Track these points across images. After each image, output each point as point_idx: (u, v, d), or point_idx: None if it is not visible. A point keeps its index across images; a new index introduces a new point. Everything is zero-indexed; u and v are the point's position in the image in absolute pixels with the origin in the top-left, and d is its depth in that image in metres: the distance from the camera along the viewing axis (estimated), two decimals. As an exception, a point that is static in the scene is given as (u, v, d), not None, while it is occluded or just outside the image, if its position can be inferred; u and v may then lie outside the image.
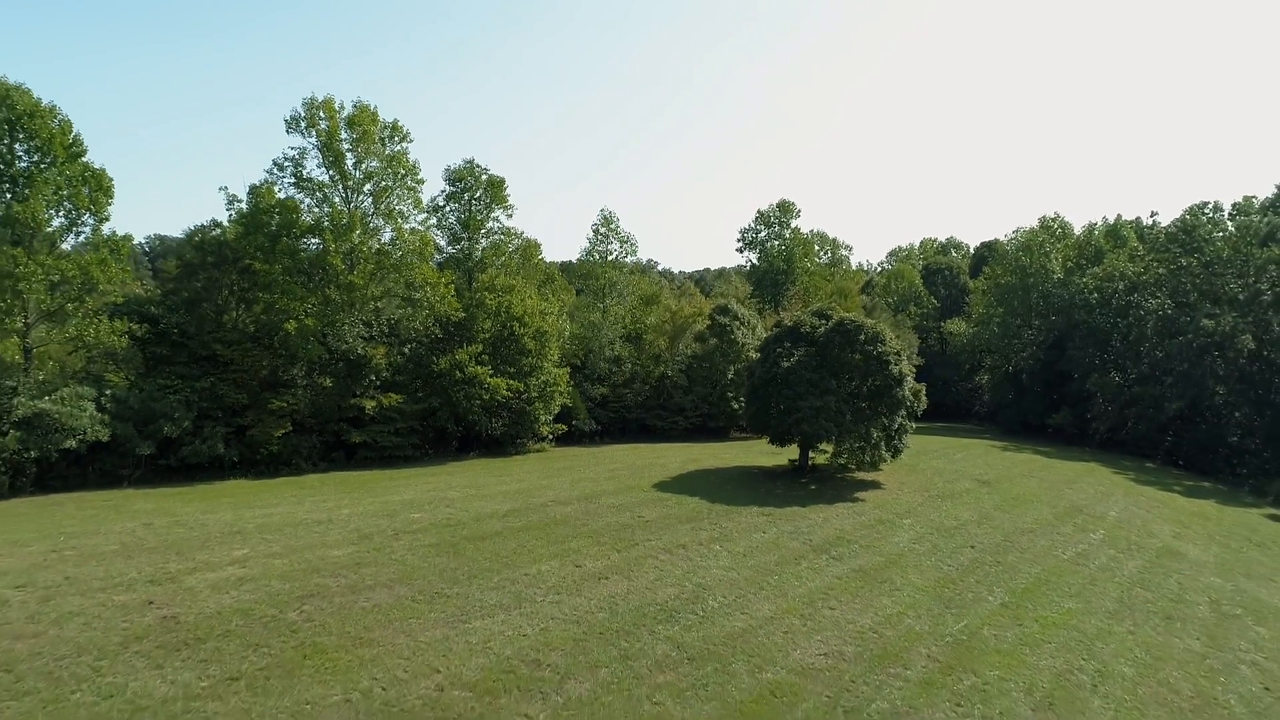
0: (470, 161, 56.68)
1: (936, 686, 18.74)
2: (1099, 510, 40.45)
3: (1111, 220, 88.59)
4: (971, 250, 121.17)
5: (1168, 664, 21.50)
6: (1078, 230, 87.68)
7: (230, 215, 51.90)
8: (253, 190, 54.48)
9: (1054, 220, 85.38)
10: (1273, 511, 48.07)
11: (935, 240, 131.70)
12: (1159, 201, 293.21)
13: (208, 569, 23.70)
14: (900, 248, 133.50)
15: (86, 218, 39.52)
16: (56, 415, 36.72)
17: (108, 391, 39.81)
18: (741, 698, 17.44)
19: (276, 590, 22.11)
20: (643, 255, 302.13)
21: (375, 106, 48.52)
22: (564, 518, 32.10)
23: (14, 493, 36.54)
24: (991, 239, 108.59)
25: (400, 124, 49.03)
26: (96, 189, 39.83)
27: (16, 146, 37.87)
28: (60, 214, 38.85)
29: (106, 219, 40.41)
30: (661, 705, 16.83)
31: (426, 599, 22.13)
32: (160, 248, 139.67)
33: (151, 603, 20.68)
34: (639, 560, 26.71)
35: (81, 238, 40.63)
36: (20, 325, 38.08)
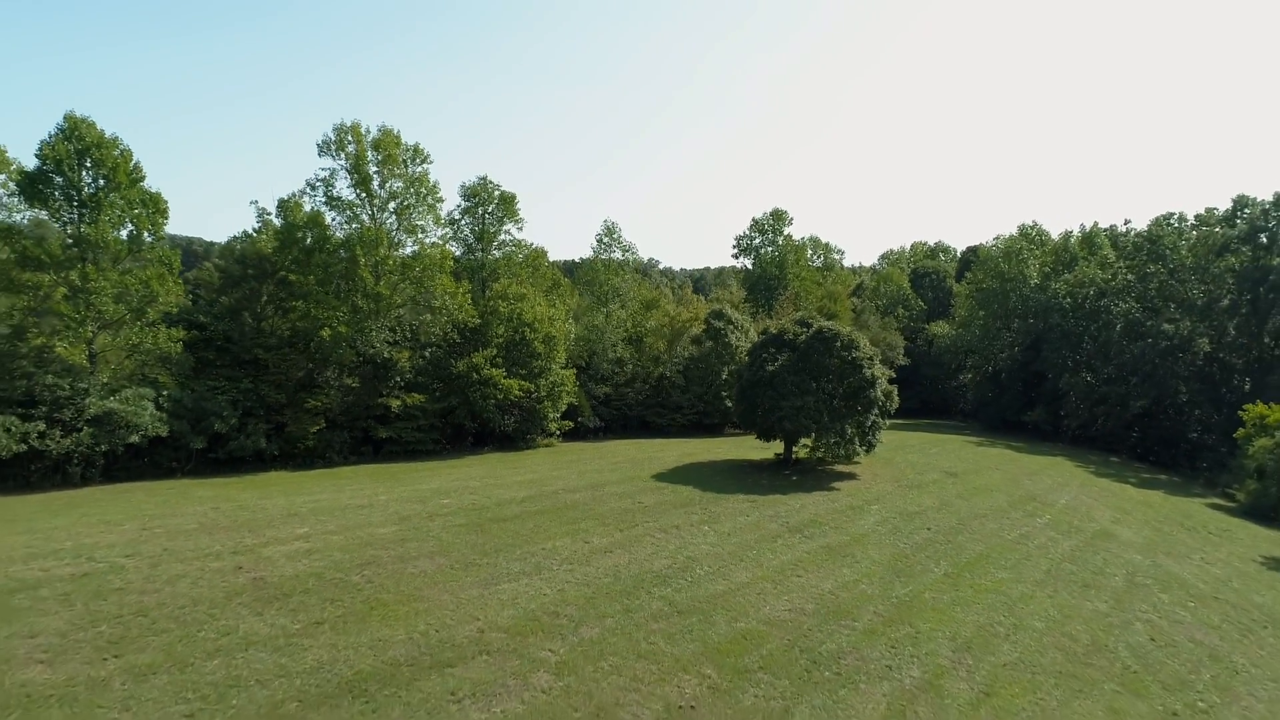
0: (484, 178, 61.22)
1: (877, 634, 23.08)
2: (1051, 499, 44.79)
3: (1088, 227, 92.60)
4: (958, 254, 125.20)
5: (1074, 620, 25.83)
6: (1055, 237, 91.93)
7: (257, 225, 56.57)
8: (281, 204, 59.03)
9: (1032, 228, 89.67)
10: (1215, 501, 52.31)
11: (925, 244, 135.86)
12: (1150, 203, 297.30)
13: (278, 543, 28.08)
14: (892, 251, 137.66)
15: (146, 236, 43.75)
16: (123, 413, 41.10)
17: (164, 392, 44.17)
18: (719, 640, 21.78)
19: (338, 559, 26.49)
20: (643, 254, 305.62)
21: (399, 130, 52.89)
22: (573, 503, 36.47)
23: (85, 482, 40.88)
24: (978, 243, 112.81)
25: (421, 147, 53.34)
26: (154, 210, 44.14)
27: (84, 174, 42.22)
28: (123, 233, 43.07)
29: (162, 238, 44.80)
30: (655, 645, 21.17)
31: (462, 567, 26.50)
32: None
33: (240, 567, 25.07)
34: (638, 538, 31.07)
35: (139, 253, 44.74)
36: (89, 333, 42.39)
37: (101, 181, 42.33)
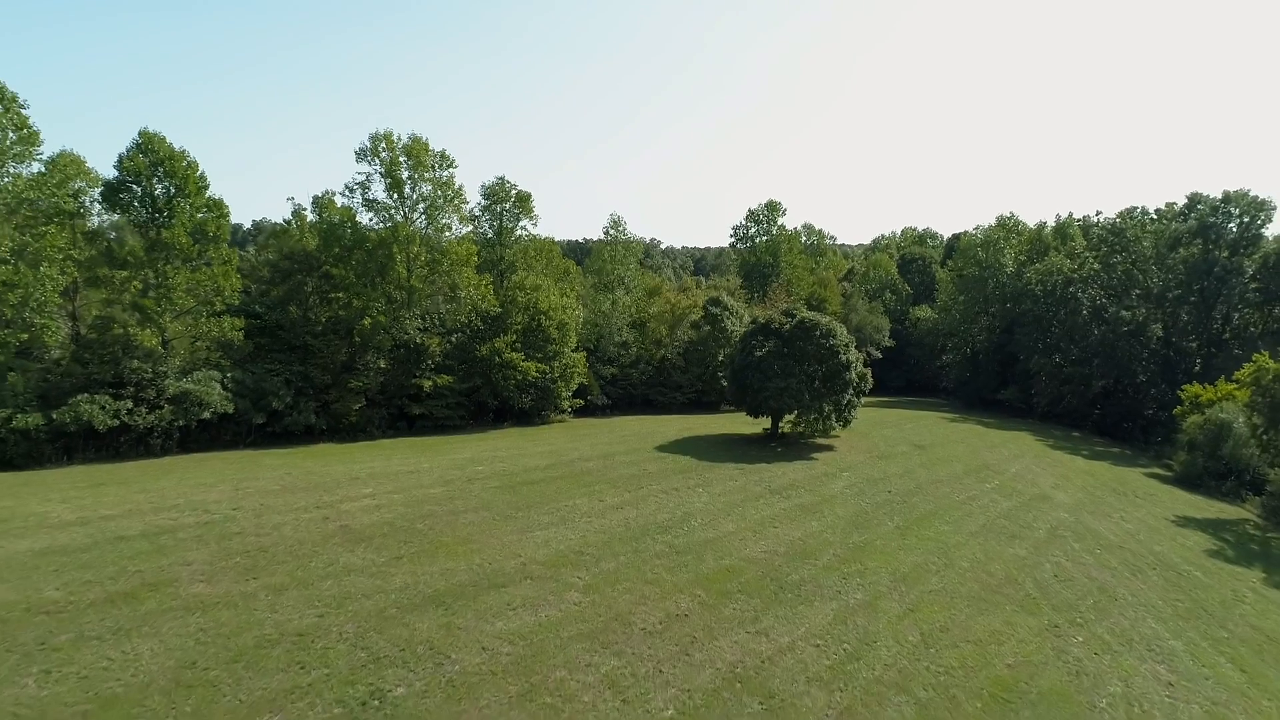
0: (501, 178, 66.43)
1: (833, 570, 28.92)
2: (1003, 468, 50.58)
3: (1063, 217, 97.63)
4: (944, 240, 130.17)
5: (995, 562, 31.67)
6: (1032, 226, 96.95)
7: (289, 218, 62.21)
8: (316, 201, 64.50)
9: (1010, 219, 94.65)
10: (1156, 470, 58.04)
11: (914, 230, 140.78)
12: (1141, 191, 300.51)
13: (350, 500, 33.91)
14: (883, 236, 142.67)
15: (212, 236, 49.14)
16: (196, 393, 46.85)
17: (228, 374, 49.87)
18: (708, 572, 27.61)
19: (402, 512, 32.33)
20: (646, 234, 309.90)
21: (427, 139, 58.02)
22: (588, 469, 42.28)
23: (164, 452, 46.68)
24: (963, 230, 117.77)
25: (448, 153, 58.47)
26: (218, 214, 49.60)
27: (158, 183, 47.58)
28: (193, 234, 48.45)
29: (226, 238, 50.22)
30: (658, 574, 27.01)
31: (501, 518, 32.32)
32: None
33: (327, 518, 30.93)
34: (644, 497, 36.89)
35: (206, 252, 50.15)
36: (165, 323, 47.97)
37: (172, 190, 47.74)
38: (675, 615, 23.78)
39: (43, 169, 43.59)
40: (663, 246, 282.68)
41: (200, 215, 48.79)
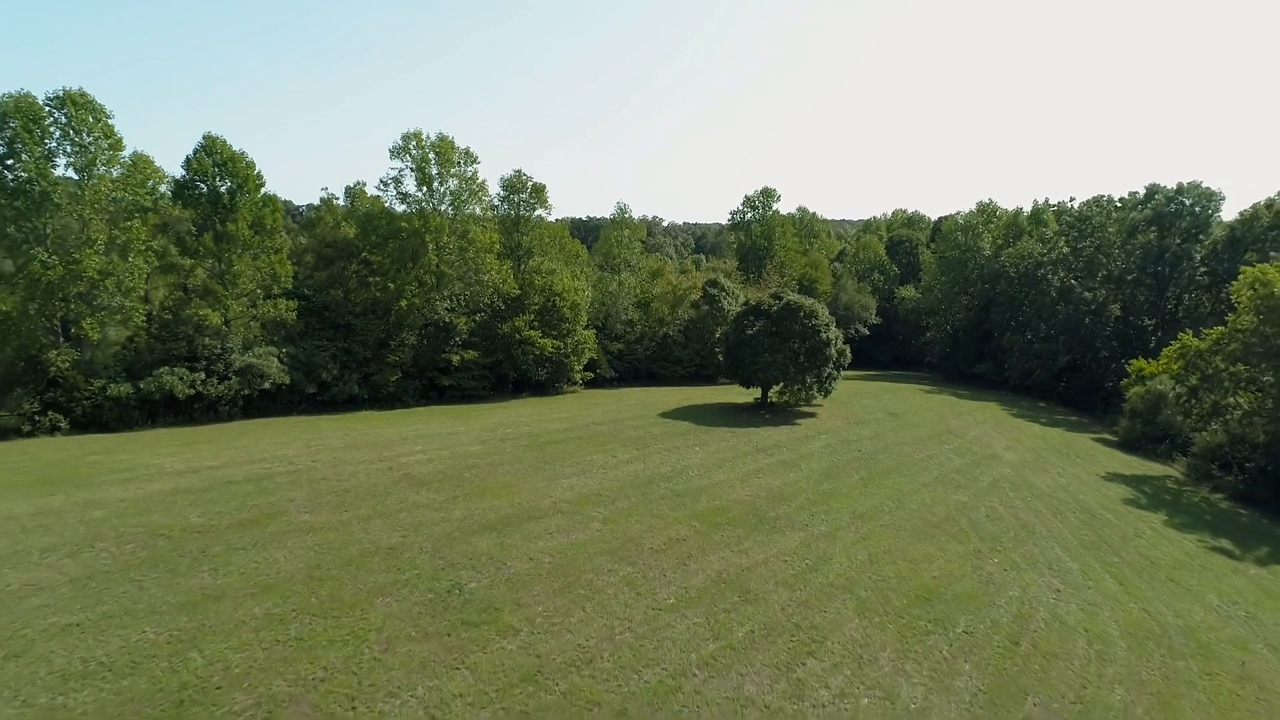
0: (518, 171, 71.93)
1: (803, 509, 35.07)
2: (963, 432, 56.66)
3: (1040, 203, 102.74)
4: (932, 222, 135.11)
5: (939, 505, 37.81)
6: (1010, 211, 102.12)
7: (318, 204, 68.03)
8: (349, 191, 70.16)
9: (989, 205, 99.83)
10: (1105, 436, 64.02)
11: (904, 212, 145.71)
12: (1131, 175, 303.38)
13: (405, 455, 40.07)
14: (874, 219, 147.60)
15: (269, 228, 54.82)
16: (258, 366, 52.88)
17: (284, 349, 55.86)
18: (701, 510, 33.76)
19: (450, 464, 38.49)
20: (648, 213, 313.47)
21: (453, 137, 63.39)
22: (601, 432, 48.40)
23: (230, 418, 52.74)
24: (947, 215, 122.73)
25: (472, 150, 63.86)
26: (273, 209, 55.27)
27: (221, 181, 53.15)
28: (252, 227, 54.11)
29: (280, 230, 55.93)
30: (661, 511, 33.15)
31: (532, 470, 38.46)
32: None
33: (391, 468, 37.11)
34: (650, 454, 43.01)
35: (264, 242, 55.80)
36: (229, 304, 53.83)
37: (234, 187, 53.34)
38: (675, 539, 29.97)
39: (124, 170, 49.12)
40: (664, 224, 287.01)
41: (259, 210, 54.45)
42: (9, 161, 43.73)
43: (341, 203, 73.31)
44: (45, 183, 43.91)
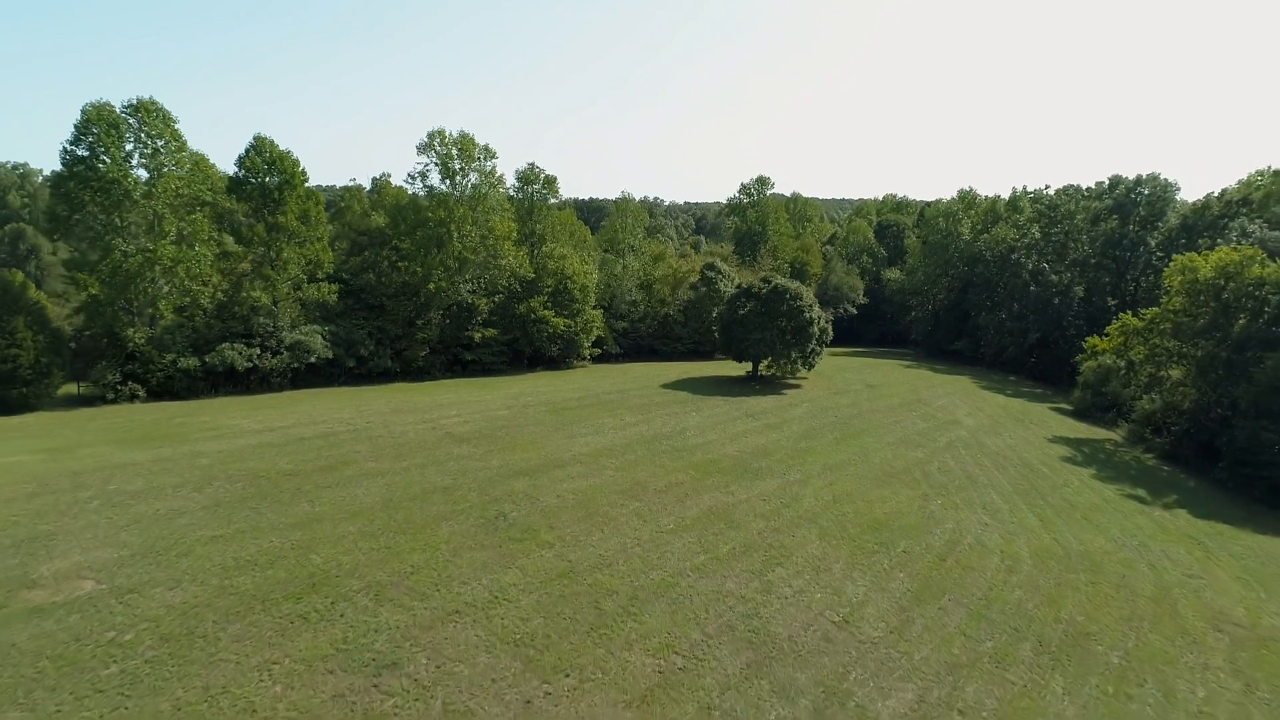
0: (532, 164, 77.22)
1: (782, 462, 40.99)
2: (932, 401, 62.50)
3: (1018, 191, 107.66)
4: (919, 209, 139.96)
5: (899, 460, 43.71)
6: (988, 198, 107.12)
7: (341, 190, 73.24)
8: (375, 182, 75.45)
9: (968, 193, 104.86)
10: (1062, 406, 69.78)
11: (893, 197, 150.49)
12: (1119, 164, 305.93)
13: (444, 418, 45.97)
14: (865, 204, 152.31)
15: (313, 219, 60.30)
16: (306, 342, 58.65)
17: (326, 327, 61.57)
18: (697, 462, 39.69)
19: (483, 425, 44.40)
20: (650, 194, 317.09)
21: (473, 134, 68.61)
22: (610, 400, 54.26)
23: (280, 388, 58.50)
24: (933, 200, 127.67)
25: (491, 147, 69.04)
26: (315, 202, 60.72)
27: (270, 178, 58.50)
28: (299, 219, 59.55)
29: (323, 220, 61.43)
30: (663, 463, 39.07)
31: (553, 430, 44.37)
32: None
33: (434, 428, 43.03)
34: (653, 418, 48.91)
35: (308, 231, 61.23)
36: (278, 287, 59.44)
37: (281, 183, 58.73)
38: (674, 483, 35.94)
39: (188, 169, 54.50)
40: (665, 204, 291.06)
41: (304, 204, 59.87)
42: (93, 163, 49.12)
43: (367, 187, 78.75)
44: (126, 181, 49.33)
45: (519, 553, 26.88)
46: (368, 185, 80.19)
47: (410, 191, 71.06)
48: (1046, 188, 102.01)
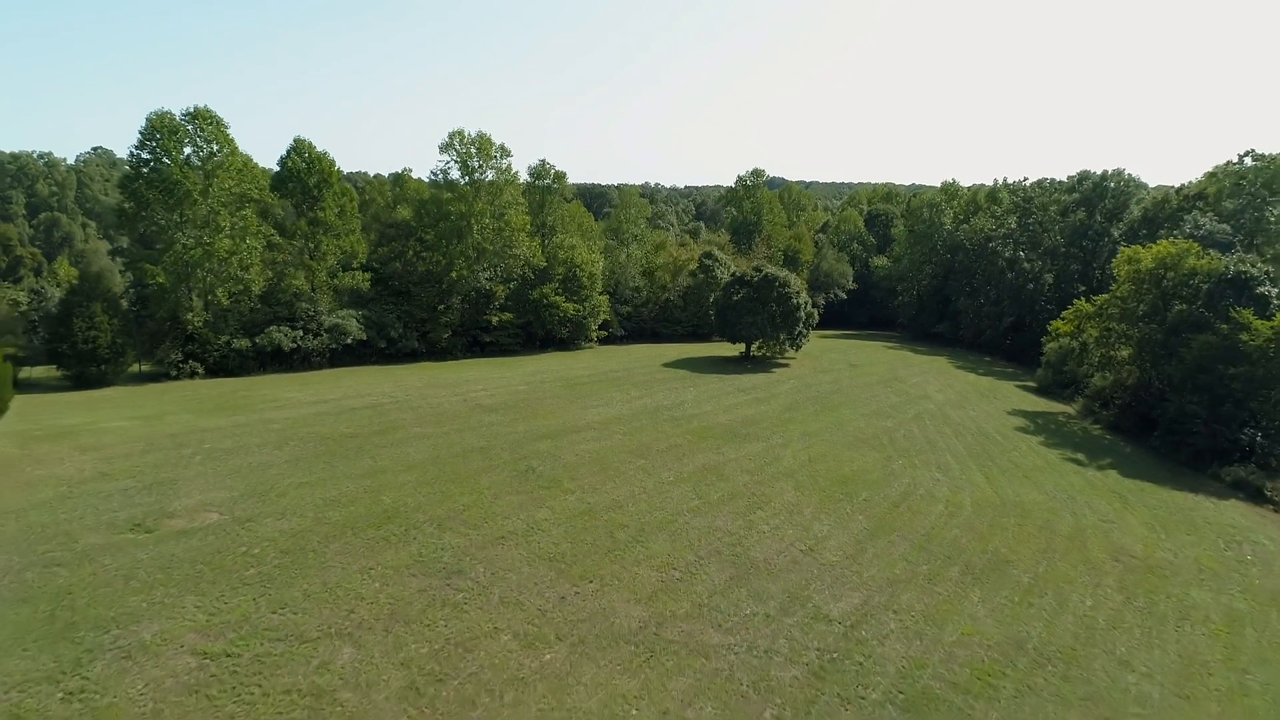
0: (543, 160, 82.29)
1: (767, 429, 46.55)
2: (907, 379, 67.99)
3: (998, 183, 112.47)
4: (908, 198, 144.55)
5: (870, 429, 49.24)
6: (969, 190, 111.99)
7: (362, 185, 78.29)
8: (396, 178, 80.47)
9: (950, 185, 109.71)
10: (1029, 384, 75.12)
11: (884, 187, 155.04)
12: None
13: (472, 392, 51.53)
14: (857, 193, 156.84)
15: (349, 214, 65.51)
16: (342, 325, 64.10)
17: (360, 312, 66.97)
18: (693, 429, 45.26)
19: (506, 397, 49.95)
20: (650, 179, 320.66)
21: (490, 134, 73.62)
22: (617, 377, 59.80)
23: (319, 367, 63.95)
24: (917, 191, 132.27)
25: (506, 146, 74.08)
26: (349, 199, 65.93)
27: (310, 177, 63.65)
28: (335, 215, 64.77)
29: (356, 214, 66.66)
30: (664, 429, 44.64)
31: (568, 402, 49.93)
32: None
33: (464, 400, 48.62)
34: (655, 392, 54.45)
35: (343, 224, 66.45)
36: (318, 275, 64.78)
37: (320, 181, 63.91)
38: (674, 445, 41.55)
39: (239, 169, 59.63)
40: (666, 188, 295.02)
41: (340, 200, 65.10)
42: (158, 165, 54.33)
43: (379, 173, 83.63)
44: (187, 182, 54.56)
45: (547, 497, 32.53)
46: (371, 171, 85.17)
47: (430, 183, 76.24)
48: (1025, 180, 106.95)
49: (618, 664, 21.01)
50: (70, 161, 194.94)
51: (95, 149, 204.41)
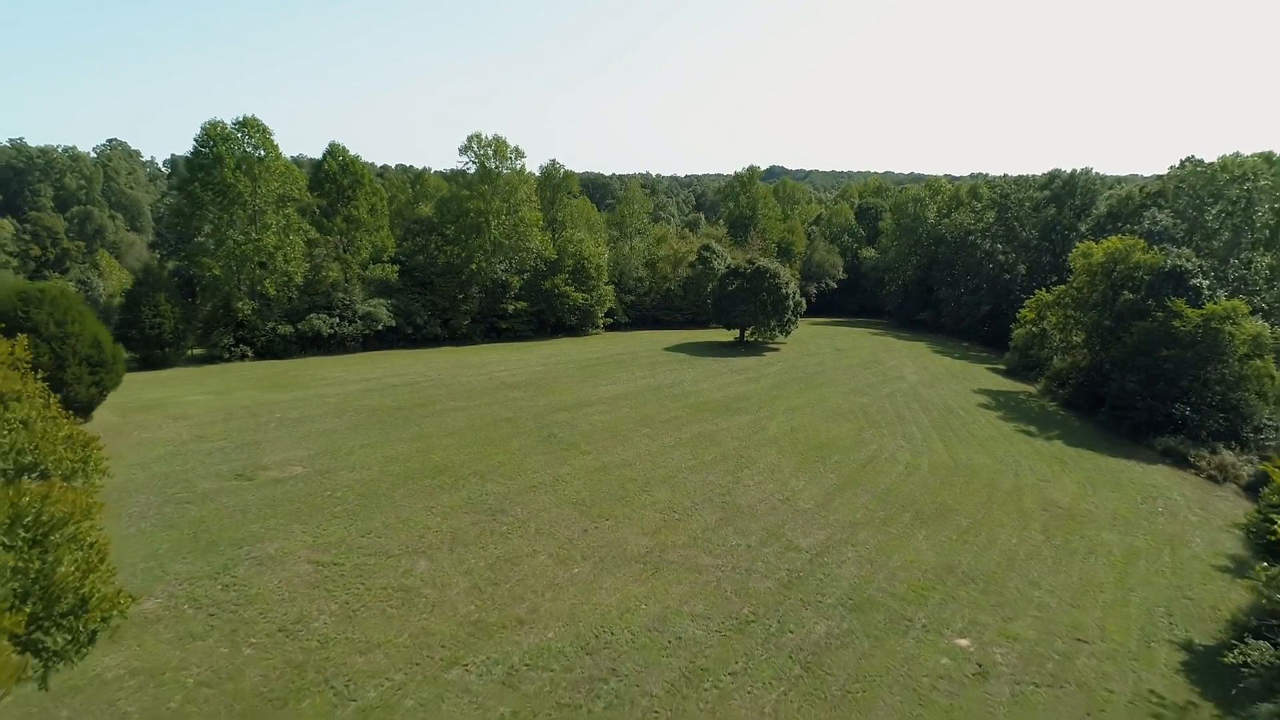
0: (553, 160, 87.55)
1: (756, 404, 52.13)
2: (885, 362, 73.50)
3: (978, 179, 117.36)
4: (896, 192, 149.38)
5: (847, 404, 54.78)
6: (951, 186, 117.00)
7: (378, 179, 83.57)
8: (416, 175, 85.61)
9: (934, 181, 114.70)
10: (1000, 367, 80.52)
11: (876, 180, 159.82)
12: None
13: (495, 372, 57.09)
14: (849, 186, 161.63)
15: (380, 212, 70.81)
16: (374, 313, 69.61)
17: (389, 300, 72.42)
18: (690, 403, 50.85)
19: (526, 377, 55.51)
20: (651, 169, 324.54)
21: (505, 136, 78.77)
22: (622, 359, 65.36)
23: (353, 351, 69.44)
24: (904, 186, 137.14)
25: (520, 148, 79.27)
26: (379, 198, 71.24)
27: (345, 178, 68.87)
28: (367, 212, 70.05)
29: (385, 212, 71.99)
30: (664, 404, 50.25)
31: (580, 380, 55.49)
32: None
33: (490, 378, 54.23)
34: (657, 373, 60.02)
35: (374, 220, 71.68)
36: (351, 266, 70.16)
37: (353, 182, 69.19)
38: (674, 417, 47.18)
39: (281, 172, 64.88)
40: (666, 178, 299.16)
41: (371, 199, 70.41)
42: (212, 170, 59.63)
43: (389, 166, 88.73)
44: (239, 184, 59.89)
45: (568, 457, 38.19)
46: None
47: (449, 179, 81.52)
48: (1004, 175, 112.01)
49: (630, 576, 26.71)
50: (92, 155, 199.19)
51: (110, 141, 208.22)
